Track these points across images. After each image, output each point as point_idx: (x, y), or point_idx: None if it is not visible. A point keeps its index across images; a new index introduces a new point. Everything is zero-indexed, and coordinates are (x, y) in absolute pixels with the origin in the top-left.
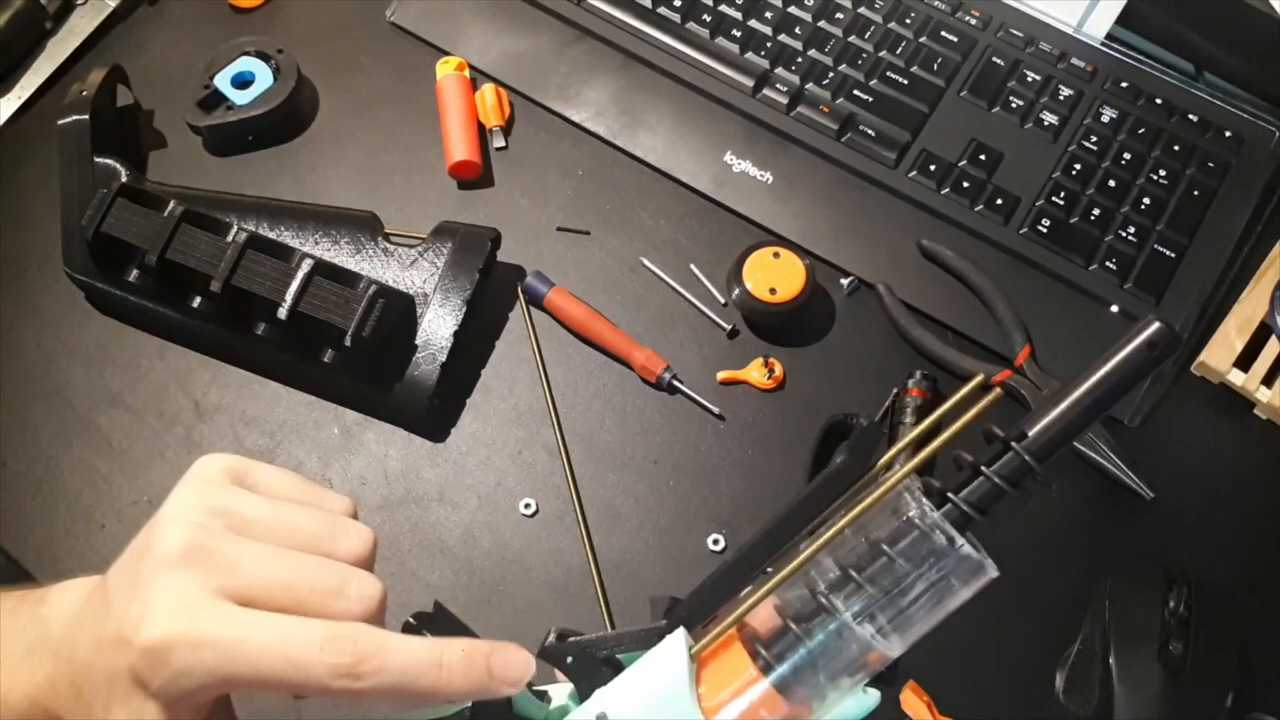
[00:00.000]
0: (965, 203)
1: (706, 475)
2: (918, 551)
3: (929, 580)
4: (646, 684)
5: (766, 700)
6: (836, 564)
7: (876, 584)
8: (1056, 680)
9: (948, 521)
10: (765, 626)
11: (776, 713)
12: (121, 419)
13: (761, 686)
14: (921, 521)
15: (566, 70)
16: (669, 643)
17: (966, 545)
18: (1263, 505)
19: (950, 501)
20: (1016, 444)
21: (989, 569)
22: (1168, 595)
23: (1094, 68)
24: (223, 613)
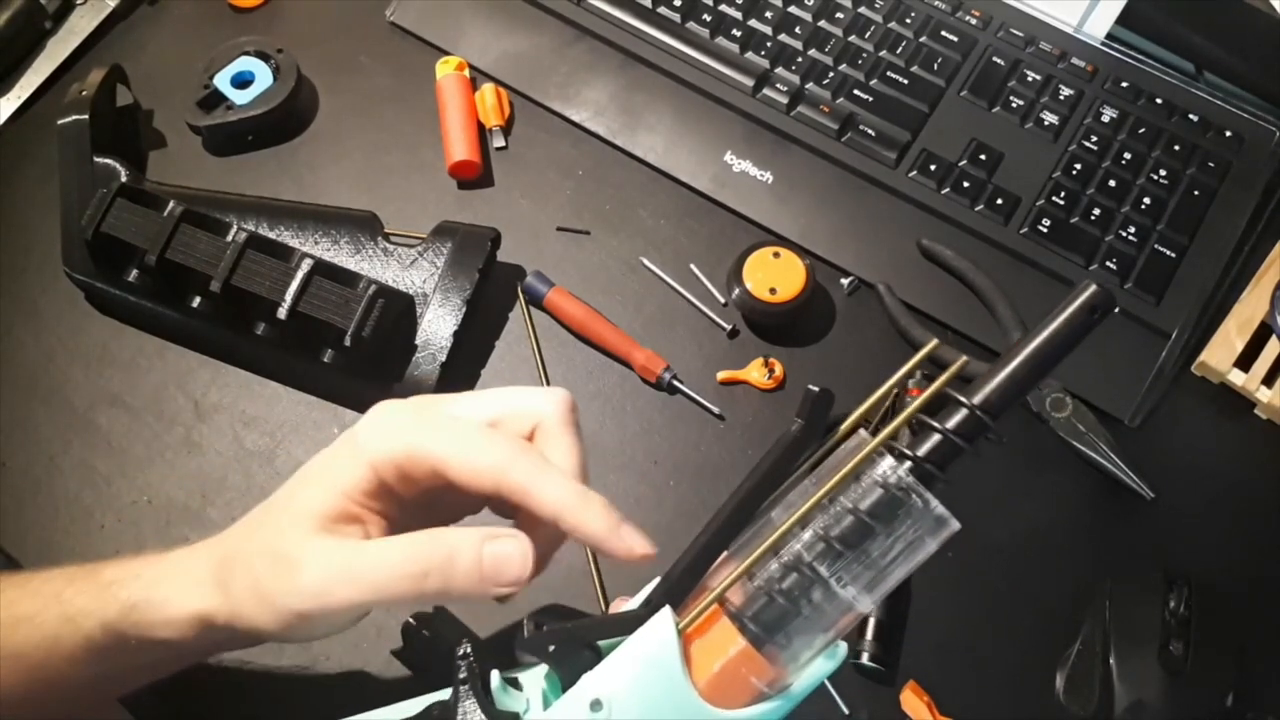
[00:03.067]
0: (965, 202)
1: (706, 475)
2: (887, 511)
3: (899, 538)
4: (637, 664)
5: (755, 667)
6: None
7: (849, 545)
8: (1056, 680)
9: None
10: (744, 596)
11: (764, 677)
12: (121, 419)
13: (749, 655)
14: (891, 482)
15: (566, 70)
16: (656, 622)
17: (936, 502)
18: (1263, 505)
19: (913, 461)
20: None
21: (952, 523)
22: (1168, 595)
23: (1094, 67)
24: None
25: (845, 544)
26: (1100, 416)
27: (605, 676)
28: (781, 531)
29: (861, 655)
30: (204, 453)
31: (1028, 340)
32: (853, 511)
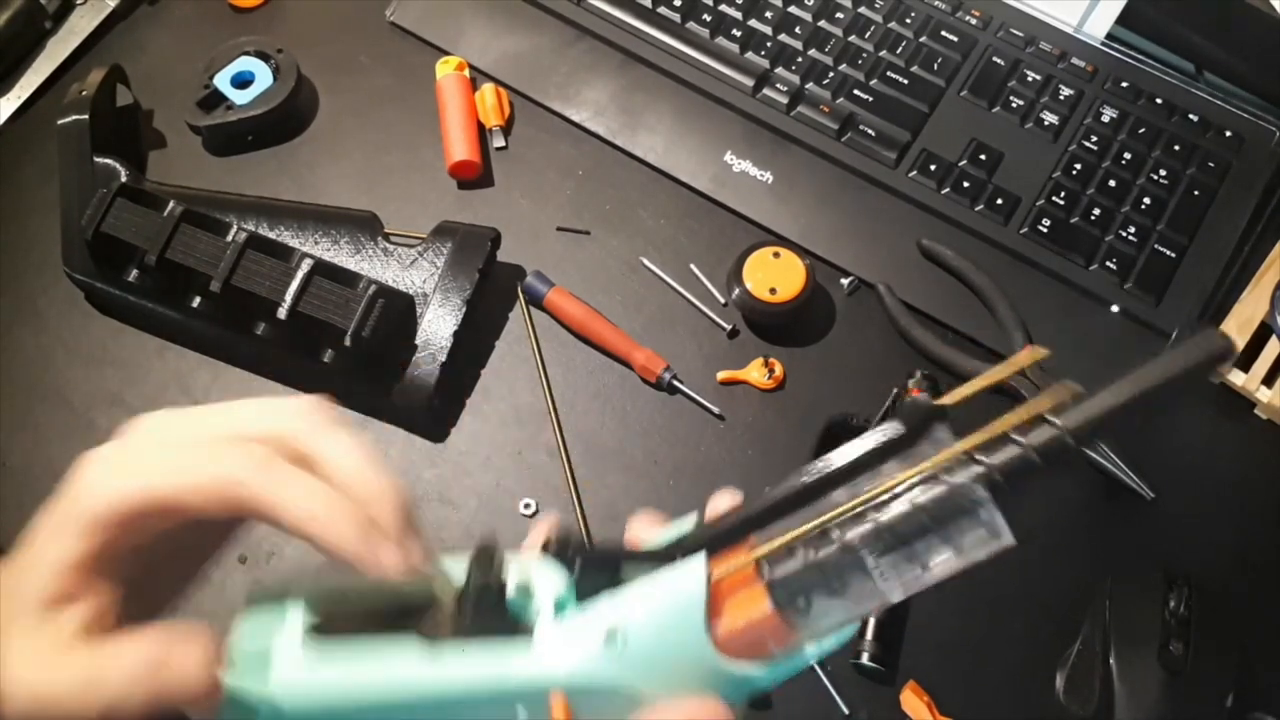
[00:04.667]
0: (965, 202)
1: (706, 475)
2: (950, 515)
3: (953, 544)
4: (661, 605)
5: (775, 632)
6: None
7: (901, 540)
8: (1057, 680)
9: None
10: (782, 563)
11: (780, 643)
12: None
13: (772, 620)
14: (961, 488)
15: (566, 70)
16: (689, 566)
17: (999, 517)
18: (1263, 505)
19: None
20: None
21: (1007, 539)
22: (1168, 595)
23: (1094, 67)
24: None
25: (898, 538)
26: None
27: (625, 608)
28: (839, 512)
29: (861, 655)
30: None
31: (1138, 376)
32: (915, 508)
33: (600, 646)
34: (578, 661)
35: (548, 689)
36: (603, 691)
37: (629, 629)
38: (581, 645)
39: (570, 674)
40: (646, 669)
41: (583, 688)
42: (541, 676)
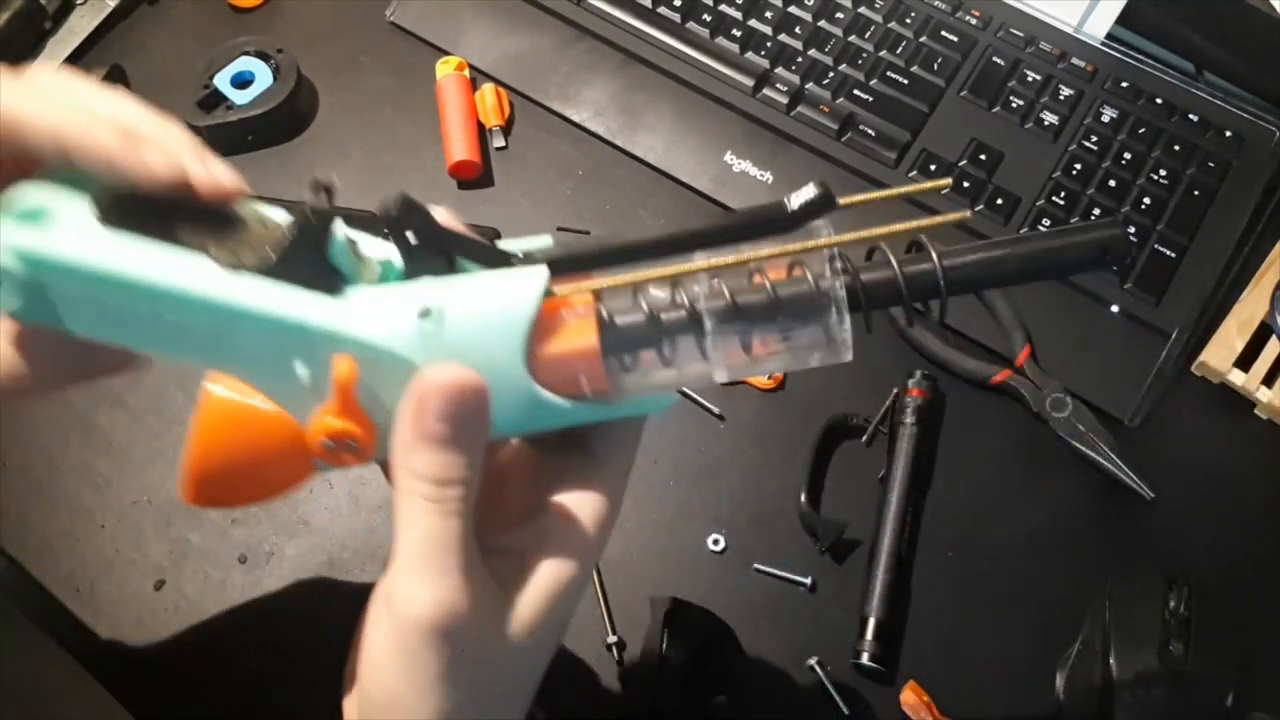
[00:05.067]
0: (965, 203)
1: (706, 475)
2: (801, 308)
3: (793, 337)
4: (488, 299)
5: (591, 371)
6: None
7: (745, 316)
8: (1057, 680)
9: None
10: (621, 305)
11: (593, 385)
12: (121, 419)
13: (593, 356)
14: (822, 285)
15: (566, 70)
16: (528, 273)
17: (847, 328)
18: (1263, 505)
19: (853, 279)
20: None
21: (847, 353)
22: (1168, 595)
23: (1094, 67)
24: None
25: (742, 313)
26: (1100, 416)
27: (450, 291)
28: (694, 267)
29: (861, 655)
30: None
31: (1024, 239)
32: (770, 289)
33: (413, 320)
34: (384, 328)
35: (340, 346)
36: (396, 367)
37: (448, 312)
38: (394, 314)
39: (372, 337)
40: (448, 356)
41: (379, 356)
42: (338, 331)
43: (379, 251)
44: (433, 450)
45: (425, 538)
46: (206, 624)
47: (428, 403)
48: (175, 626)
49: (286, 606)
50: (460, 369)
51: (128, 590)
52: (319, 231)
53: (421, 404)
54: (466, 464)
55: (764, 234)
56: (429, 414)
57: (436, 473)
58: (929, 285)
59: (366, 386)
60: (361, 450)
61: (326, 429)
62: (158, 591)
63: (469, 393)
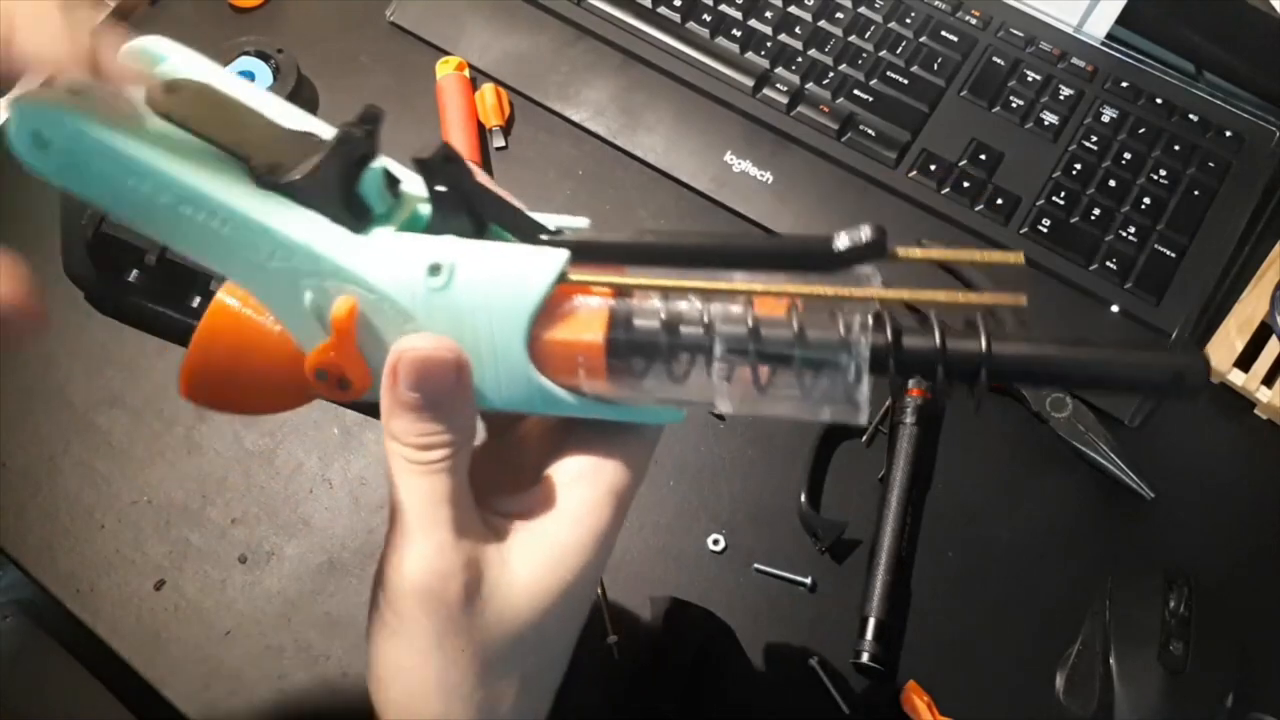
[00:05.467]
0: (965, 202)
1: (706, 475)
2: (822, 357)
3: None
4: (503, 270)
5: (592, 366)
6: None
7: (762, 351)
8: (1057, 680)
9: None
10: (638, 306)
11: (592, 380)
12: (121, 419)
13: (596, 352)
14: (851, 338)
15: (566, 70)
16: (549, 252)
17: (865, 390)
18: (1263, 505)
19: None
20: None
21: (861, 416)
22: (1168, 595)
23: (1094, 67)
24: None
25: (760, 346)
26: (1100, 416)
27: (465, 253)
28: (723, 286)
29: (861, 655)
30: (204, 453)
31: (1089, 345)
32: (797, 329)
33: (421, 274)
34: (391, 274)
35: (346, 282)
36: (396, 315)
37: (458, 273)
38: (404, 263)
39: (377, 281)
40: (449, 317)
41: (381, 301)
42: (345, 267)
43: (417, 193)
44: (409, 417)
45: (411, 497)
46: (206, 624)
47: (400, 373)
48: (175, 626)
49: (286, 606)
50: (435, 342)
51: (128, 590)
52: (355, 160)
53: (395, 373)
54: (445, 429)
55: (807, 266)
56: (401, 383)
57: (414, 438)
58: (969, 368)
59: (367, 327)
60: (354, 388)
61: (320, 361)
62: (158, 591)
63: (443, 366)
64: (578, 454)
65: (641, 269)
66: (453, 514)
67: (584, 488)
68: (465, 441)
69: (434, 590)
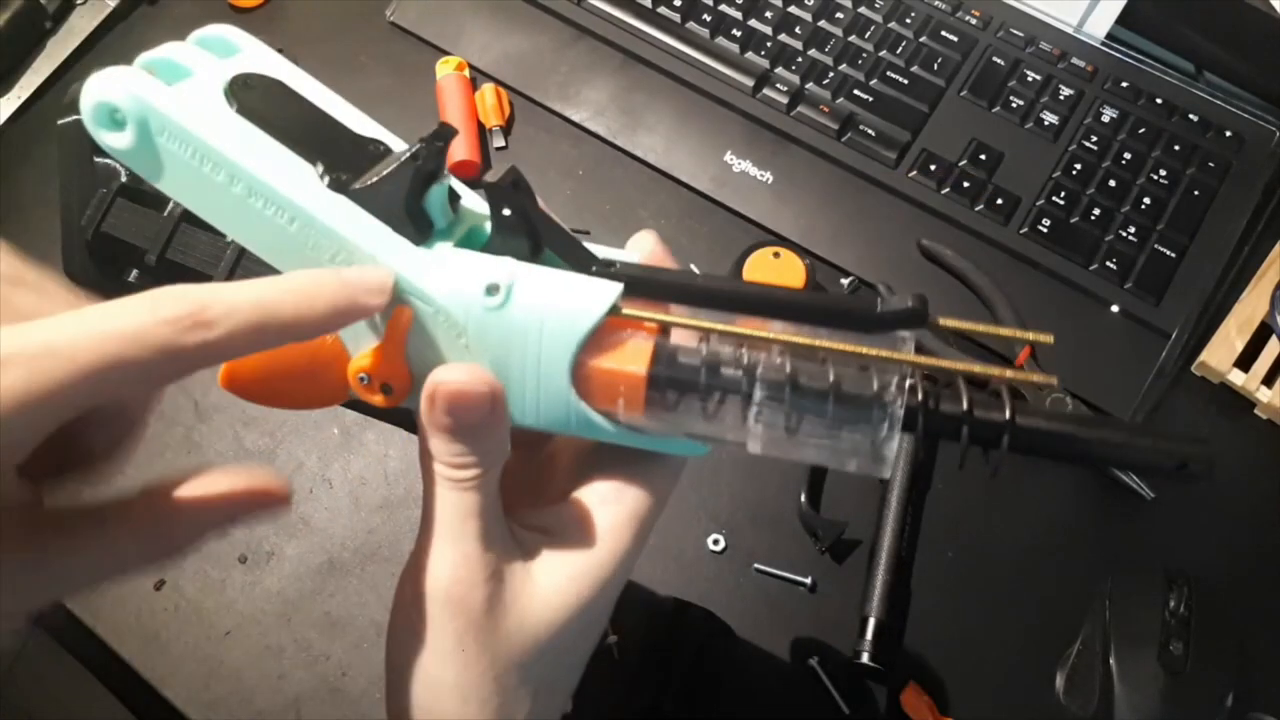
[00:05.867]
0: (965, 202)
1: (706, 475)
2: (855, 410)
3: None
4: (558, 296)
5: (632, 397)
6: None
7: (798, 397)
8: (1057, 680)
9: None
10: (682, 348)
11: (630, 410)
12: None
13: (637, 384)
14: (885, 396)
15: (566, 70)
16: (603, 284)
17: (894, 446)
18: (1263, 505)
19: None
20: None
21: (885, 469)
22: (1168, 595)
23: (1094, 67)
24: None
25: (796, 394)
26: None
27: (524, 276)
28: (766, 335)
29: (862, 655)
30: (204, 453)
31: (1104, 425)
32: (833, 381)
33: (479, 291)
34: (449, 288)
35: (404, 291)
36: (449, 329)
37: (514, 295)
38: (463, 279)
39: (435, 294)
40: (499, 336)
41: (436, 312)
42: (409, 278)
43: (478, 212)
44: (444, 438)
45: (442, 508)
46: (206, 624)
47: (437, 398)
48: (175, 626)
49: (286, 606)
50: (470, 374)
51: (128, 590)
52: (424, 175)
53: (432, 398)
54: (478, 452)
55: (847, 325)
56: (438, 408)
57: (448, 457)
58: (993, 435)
59: (419, 337)
60: (394, 393)
61: (366, 366)
62: (158, 591)
63: (477, 399)
64: (606, 477)
65: (688, 310)
66: (481, 526)
67: (609, 510)
68: (497, 462)
69: (458, 597)
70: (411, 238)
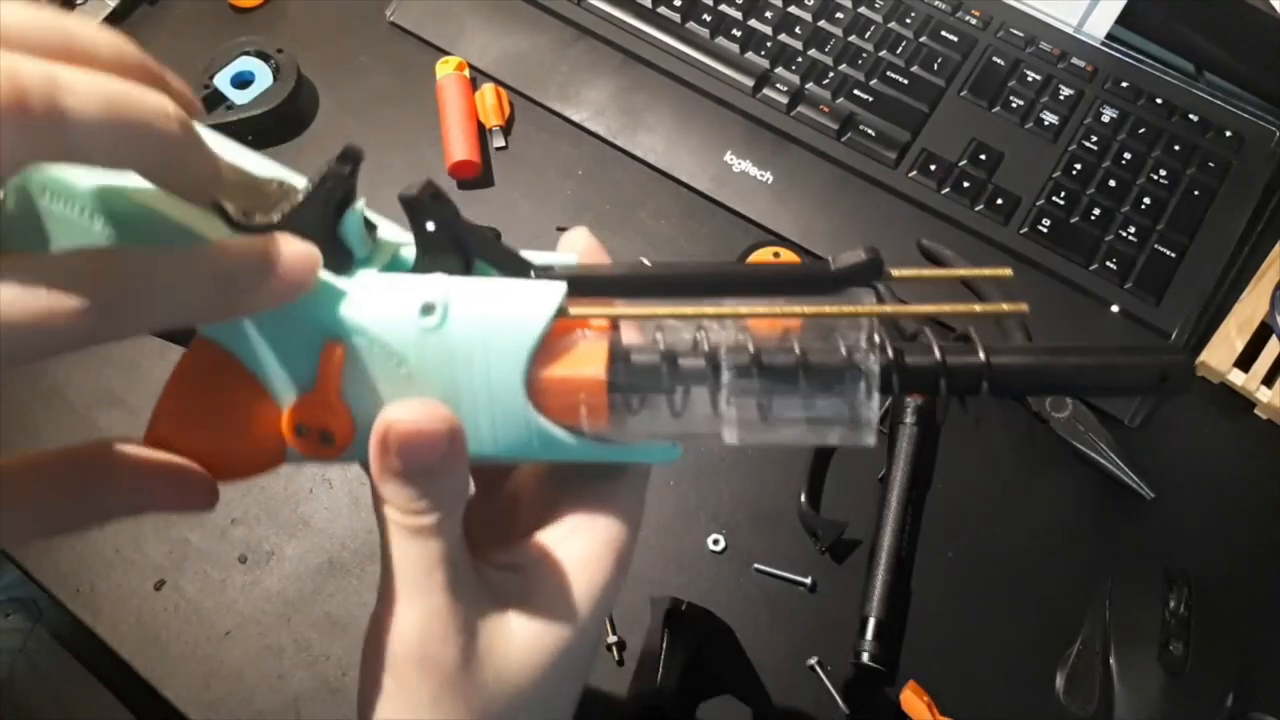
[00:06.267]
0: (965, 202)
1: (706, 475)
2: (828, 378)
3: (816, 410)
4: (498, 307)
5: (594, 403)
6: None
7: (767, 375)
8: (1057, 680)
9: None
10: (637, 339)
11: (593, 417)
12: (121, 419)
13: (597, 388)
14: (856, 357)
15: (566, 70)
16: (545, 286)
17: (874, 409)
18: (1263, 505)
19: (892, 358)
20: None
21: (870, 436)
22: (1168, 595)
23: (1094, 67)
24: None
25: (764, 372)
26: (1100, 416)
27: (458, 291)
28: (723, 312)
29: (862, 655)
30: None
31: (1079, 351)
32: (799, 353)
33: (413, 314)
34: (381, 316)
35: (332, 328)
36: (387, 360)
37: (453, 312)
38: (394, 304)
39: (366, 324)
40: (443, 358)
41: (371, 345)
42: (331, 312)
43: (395, 238)
44: (398, 483)
45: (405, 561)
46: (206, 624)
47: (389, 441)
48: (175, 626)
49: (286, 607)
50: (425, 412)
51: (127, 590)
52: (335, 202)
53: (383, 441)
54: (438, 495)
55: (803, 290)
56: (391, 451)
57: (404, 504)
58: (971, 381)
59: (354, 375)
60: (337, 444)
61: (302, 415)
62: (157, 591)
63: (434, 438)
64: (575, 503)
65: (636, 301)
66: (447, 576)
67: (582, 540)
68: (459, 503)
69: (430, 654)
70: (331, 269)
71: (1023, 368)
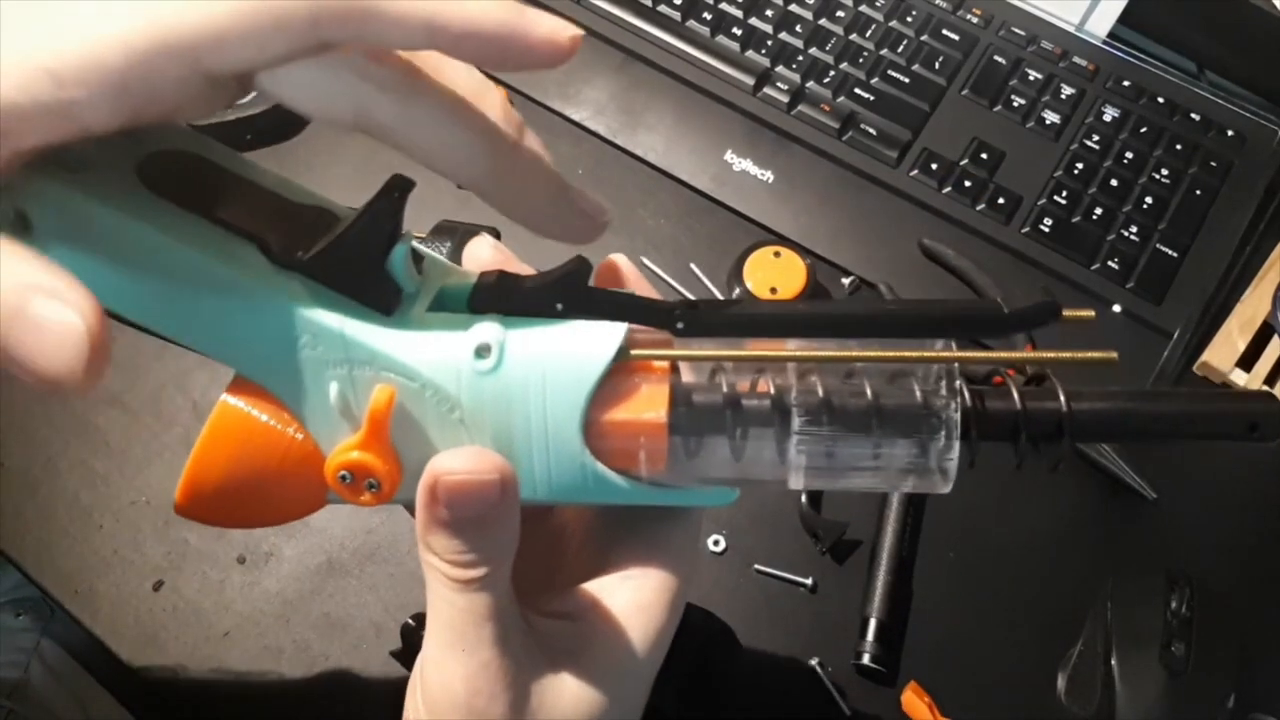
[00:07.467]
0: (967, 202)
1: None
2: (902, 424)
3: (889, 458)
4: (558, 346)
5: (653, 448)
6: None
7: (837, 420)
8: (1058, 681)
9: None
10: (701, 381)
11: (653, 462)
12: (120, 419)
13: (658, 432)
14: (937, 404)
15: (566, 69)
16: (605, 327)
17: (954, 458)
18: (1264, 505)
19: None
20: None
21: (946, 486)
22: (1170, 596)
23: (1096, 66)
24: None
25: (835, 417)
26: None
27: (514, 332)
28: (789, 355)
29: (862, 655)
30: None
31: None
32: (872, 396)
33: (468, 356)
34: (436, 356)
35: (381, 368)
36: (439, 404)
37: (510, 353)
38: (447, 345)
39: (418, 365)
40: (497, 402)
41: (423, 388)
42: (387, 353)
43: (443, 270)
44: (446, 535)
45: (453, 613)
46: (205, 624)
47: (438, 492)
48: (174, 627)
49: (285, 607)
50: (477, 462)
51: (126, 590)
52: (385, 235)
53: (432, 491)
54: (487, 547)
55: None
56: (439, 502)
57: (452, 555)
58: (1050, 427)
59: (404, 419)
60: (382, 490)
61: (347, 462)
62: (156, 592)
63: (486, 487)
64: (627, 548)
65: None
66: (496, 630)
67: (634, 586)
68: (508, 554)
69: (479, 710)
70: (380, 308)
71: (1104, 414)
